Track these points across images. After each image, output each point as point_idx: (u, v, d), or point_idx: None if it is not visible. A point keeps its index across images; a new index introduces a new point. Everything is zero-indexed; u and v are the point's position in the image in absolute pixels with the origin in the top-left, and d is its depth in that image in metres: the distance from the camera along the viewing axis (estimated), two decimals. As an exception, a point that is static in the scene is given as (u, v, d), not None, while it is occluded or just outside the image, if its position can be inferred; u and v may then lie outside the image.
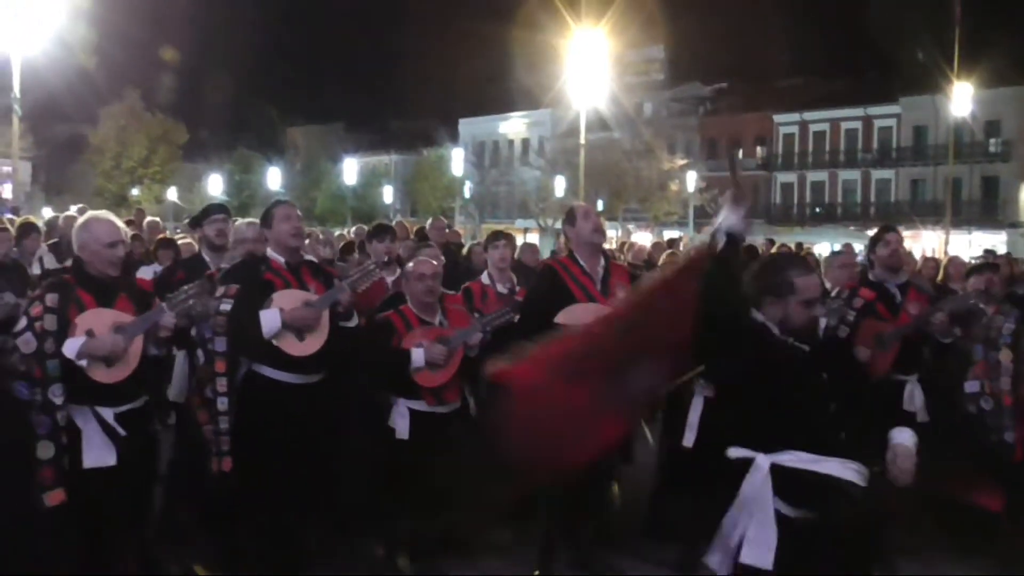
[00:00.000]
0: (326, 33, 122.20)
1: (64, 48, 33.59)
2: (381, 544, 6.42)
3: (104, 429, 5.18)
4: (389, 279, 7.27)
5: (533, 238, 55.54)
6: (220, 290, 5.78)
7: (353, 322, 5.97)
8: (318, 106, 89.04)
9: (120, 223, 5.48)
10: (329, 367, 5.96)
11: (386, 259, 7.44)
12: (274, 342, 5.70)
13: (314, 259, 6.40)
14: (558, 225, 50.71)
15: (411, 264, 6.46)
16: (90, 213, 5.66)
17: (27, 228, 10.63)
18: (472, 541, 6.79)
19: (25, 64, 27.63)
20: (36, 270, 9.96)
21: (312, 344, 5.77)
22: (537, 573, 6.42)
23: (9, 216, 24.52)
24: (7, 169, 45.16)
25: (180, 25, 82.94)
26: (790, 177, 58.55)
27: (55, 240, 11.09)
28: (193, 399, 5.95)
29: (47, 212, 62.41)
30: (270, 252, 6.07)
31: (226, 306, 5.73)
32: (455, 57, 76.00)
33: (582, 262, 6.49)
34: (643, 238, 53.47)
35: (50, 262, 10.25)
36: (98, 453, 5.17)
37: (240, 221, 7.06)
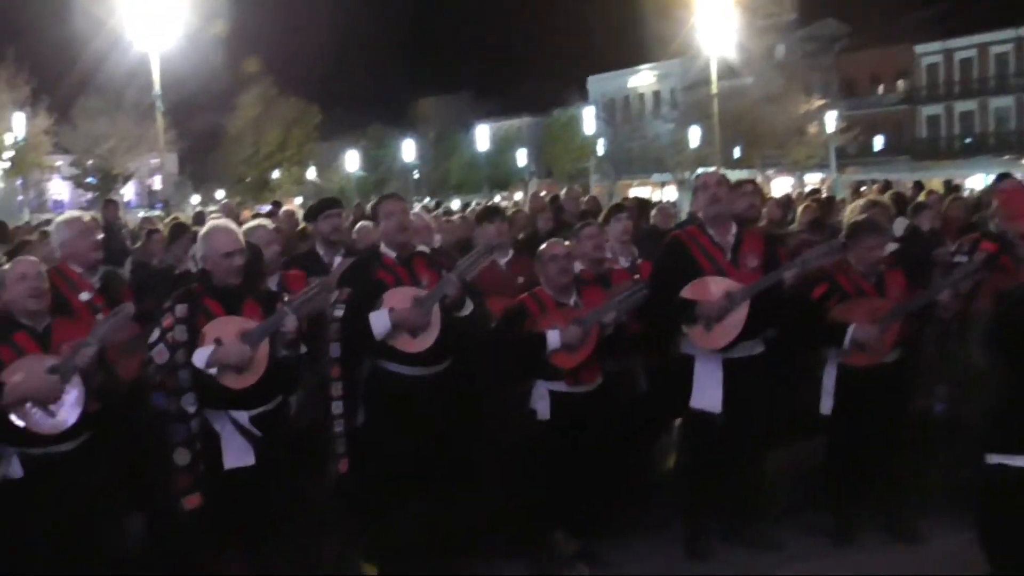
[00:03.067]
0: (449, 1, 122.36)
1: (197, 41, 34.50)
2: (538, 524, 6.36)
3: (241, 431, 5.30)
4: (502, 260, 7.19)
5: (670, 192, 55.02)
6: (335, 294, 5.81)
7: (467, 310, 5.88)
8: (446, 75, 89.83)
9: (236, 229, 5.58)
10: (453, 356, 5.94)
11: (496, 242, 7.33)
12: (388, 342, 5.71)
13: (427, 249, 6.32)
14: (694, 177, 50.11)
15: (544, 246, 6.36)
16: (211, 223, 5.78)
17: (177, 230, 10.92)
18: (620, 518, 6.71)
19: (163, 61, 28.50)
20: (193, 269, 10.21)
21: (426, 340, 5.76)
22: (688, 545, 6.38)
23: (159, 210, 25.43)
24: (155, 162, 46.89)
25: (306, 8, 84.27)
26: (936, 109, 56.20)
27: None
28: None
29: (195, 199, 64.74)
30: (382, 247, 6.07)
31: (339, 311, 5.78)
32: (580, 14, 75.33)
33: (711, 232, 6.29)
34: (783, 183, 52.44)
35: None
36: (237, 454, 5.31)
37: (363, 224, 7.05)
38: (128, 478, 5.43)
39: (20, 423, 4.73)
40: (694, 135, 50.34)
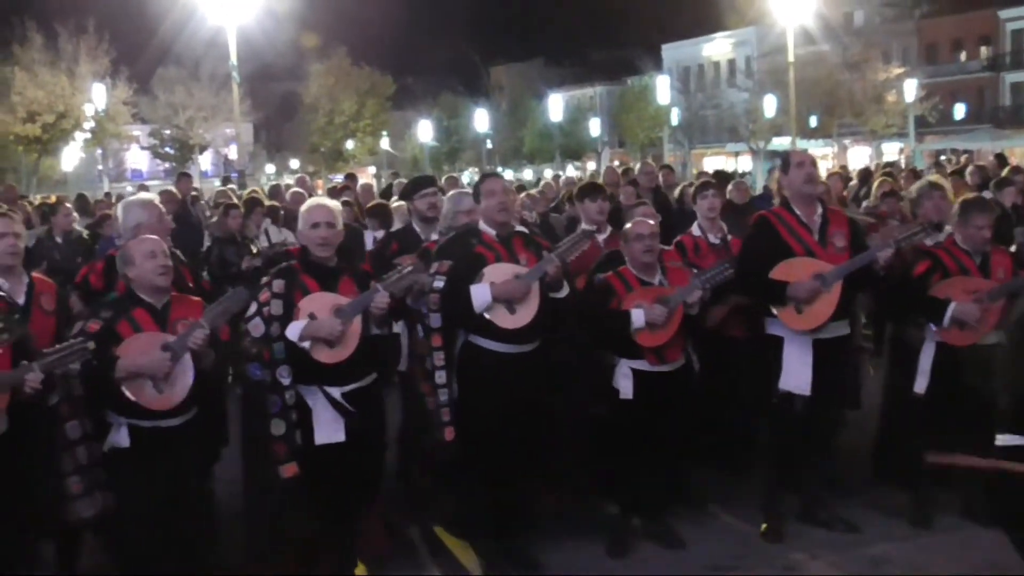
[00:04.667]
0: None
1: (273, 13, 34.80)
2: (614, 503, 6.43)
3: (333, 406, 5.38)
4: (600, 237, 7.15)
5: (745, 161, 54.43)
6: (434, 266, 5.86)
7: (563, 292, 5.92)
8: (519, 43, 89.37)
9: (331, 205, 5.65)
10: (544, 335, 5.95)
11: (598, 219, 7.29)
12: (486, 315, 5.74)
13: (525, 229, 6.33)
14: (770, 147, 49.45)
15: (629, 224, 6.33)
16: (312, 199, 5.88)
17: (252, 203, 11.10)
18: (698, 495, 6.75)
19: (239, 32, 28.81)
20: (263, 242, 10.38)
21: (523, 316, 5.78)
22: (764, 526, 6.33)
23: (234, 181, 25.74)
24: (231, 132, 47.51)
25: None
26: (1020, 76, 54.65)
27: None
28: (416, 370, 6.08)
29: (270, 168, 65.41)
30: (481, 224, 6.08)
31: (439, 283, 5.83)
32: (653, -19, 74.46)
33: (798, 212, 6.21)
34: (860, 153, 51.56)
35: (274, 234, 10.63)
36: (328, 430, 5.39)
37: (454, 192, 7.06)
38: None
39: (131, 396, 4.85)
40: (769, 104, 49.60)
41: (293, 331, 5.27)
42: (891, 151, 50.52)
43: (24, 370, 4.59)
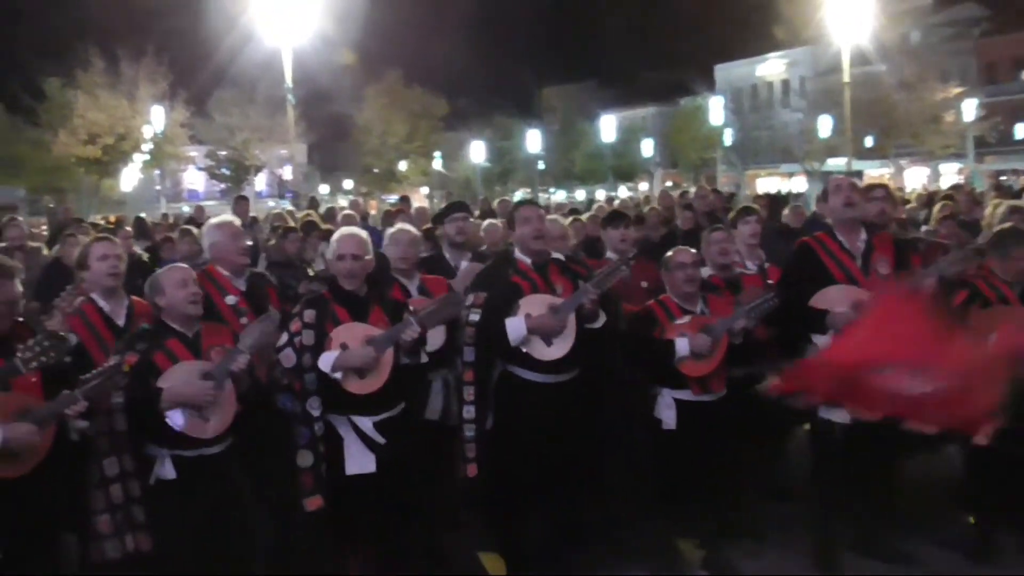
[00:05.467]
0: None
1: (327, 35, 35.12)
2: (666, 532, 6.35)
3: (361, 439, 5.37)
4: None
5: (799, 182, 53.94)
6: (469, 298, 5.83)
7: (599, 323, 5.90)
8: (571, 64, 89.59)
9: (359, 236, 5.63)
10: (582, 365, 5.93)
11: (621, 247, 7.28)
12: (523, 348, 5.72)
13: (561, 256, 6.29)
14: (824, 168, 48.97)
15: (670, 252, 6.28)
16: (343, 229, 5.88)
17: (309, 226, 11.14)
18: (750, 528, 6.63)
19: (294, 54, 29.17)
20: (320, 265, 10.40)
21: (560, 348, 5.77)
22: (817, 557, 6.22)
23: (289, 201, 25.96)
24: (285, 153, 48.03)
25: (428, 1, 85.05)
26: (1083, 95, 53.82)
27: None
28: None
29: (323, 189, 65.84)
30: (516, 253, 6.07)
31: (474, 316, 5.83)
32: (705, 1, 74.30)
33: (841, 238, 6.11)
34: (917, 174, 50.93)
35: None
36: (359, 461, 5.38)
37: (491, 222, 7.06)
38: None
39: (176, 427, 4.84)
40: (824, 124, 49.16)
41: (325, 361, 5.27)
42: (949, 172, 49.84)
43: (67, 399, 4.50)
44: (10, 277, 4.70)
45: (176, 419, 4.84)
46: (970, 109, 46.25)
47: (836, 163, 46.34)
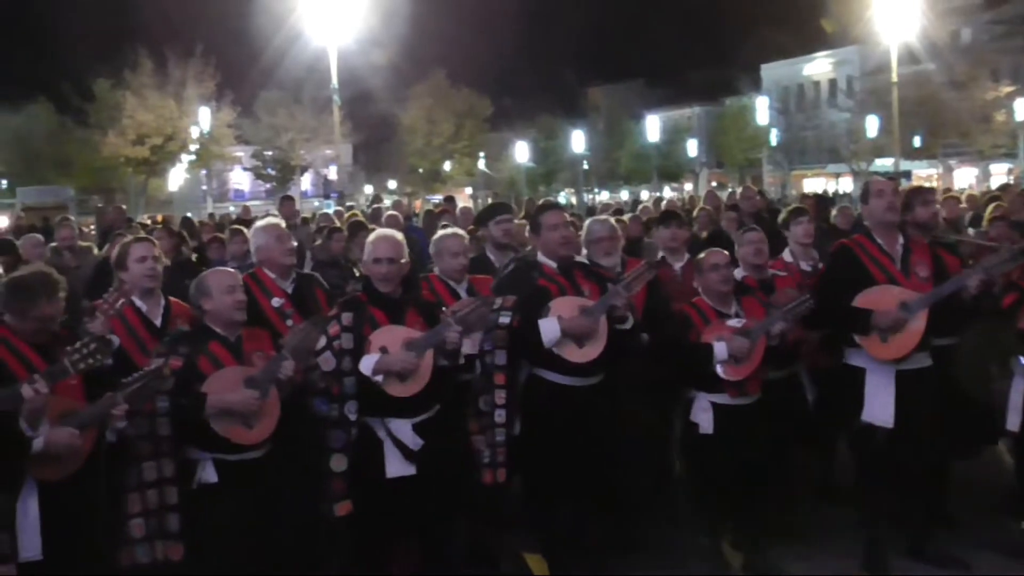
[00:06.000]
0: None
1: (373, 36, 35.34)
2: (706, 534, 6.35)
3: (396, 444, 5.34)
4: (677, 265, 7.07)
5: (846, 183, 53.48)
6: (497, 301, 5.82)
7: (628, 324, 5.85)
8: (616, 64, 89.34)
9: (396, 238, 5.61)
10: (610, 368, 5.90)
11: (671, 245, 7.27)
12: (554, 350, 5.70)
13: (584, 260, 6.27)
14: (871, 168, 48.49)
15: (702, 254, 6.24)
16: (378, 232, 5.87)
17: (356, 227, 11.15)
18: (793, 530, 6.57)
19: (340, 55, 29.36)
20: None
21: (592, 350, 5.74)
22: (866, 561, 6.13)
23: (334, 202, 26.11)
24: (330, 153, 48.32)
25: (474, 1, 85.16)
26: None
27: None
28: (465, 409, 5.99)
29: (368, 189, 66.23)
30: (541, 257, 6.06)
31: (505, 318, 5.78)
32: (752, 1, 73.80)
33: (879, 240, 6.05)
34: (966, 174, 50.28)
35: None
36: (399, 463, 5.35)
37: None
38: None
39: (221, 433, 4.85)
40: (871, 124, 48.70)
41: (366, 365, 5.25)
42: (999, 172, 49.14)
43: (110, 401, 4.49)
44: (56, 292, 4.68)
45: (223, 425, 4.85)
46: (1022, 108, 45.52)
47: (883, 163, 45.90)
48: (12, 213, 31.39)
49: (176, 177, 53.65)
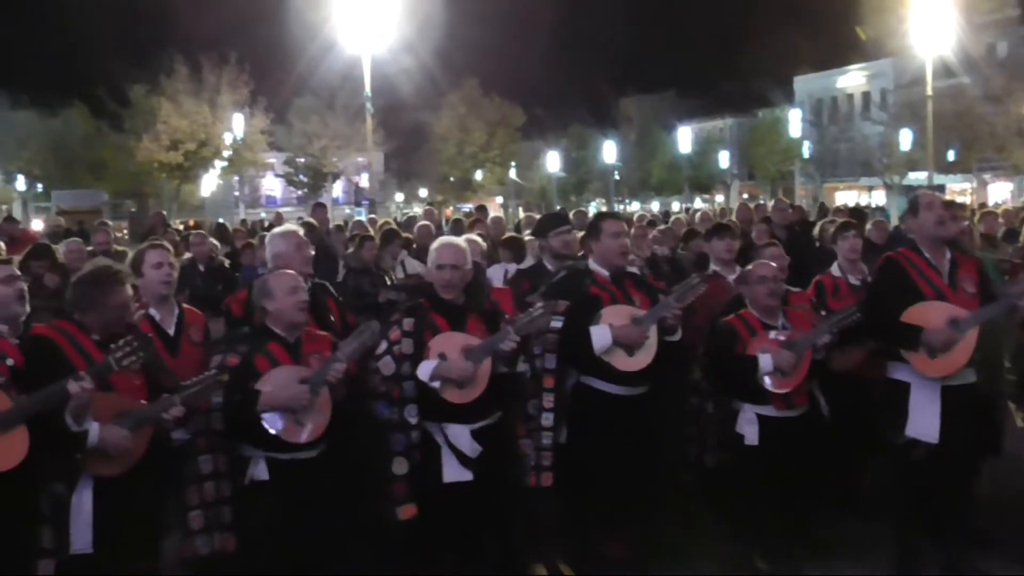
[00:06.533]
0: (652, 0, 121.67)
1: (406, 44, 35.47)
2: (742, 543, 6.34)
3: (453, 451, 5.41)
4: (730, 277, 7.05)
5: (879, 196, 53.13)
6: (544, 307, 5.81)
7: (677, 336, 5.92)
8: (648, 74, 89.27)
9: (460, 246, 5.66)
10: (656, 379, 5.95)
11: (726, 257, 7.27)
12: (604, 358, 5.72)
13: (636, 270, 6.30)
14: (905, 181, 48.17)
15: (750, 266, 6.24)
16: (442, 239, 5.89)
17: (389, 235, 11.23)
18: (828, 541, 6.52)
19: (373, 63, 29.48)
20: (400, 274, 10.48)
21: (641, 359, 5.79)
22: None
23: (365, 210, 26.20)
24: (362, 160, 48.49)
25: (507, 11, 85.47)
26: None
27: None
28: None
29: (399, 197, 66.38)
30: (593, 264, 6.07)
31: (557, 323, 5.81)
32: (786, 12, 73.55)
33: (927, 255, 6.00)
34: (1001, 189, 49.83)
35: (411, 265, 10.72)
36: (457, 468, 5.41)
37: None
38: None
39: (272, 430, 4.94)
40: (905, 137, 48.36)
41: (424, 371, 5.33)
42: (1035, 187, 48.74)
43: (166, 402, 4.67)
44: (122, 283, 4.86)
45: (275, 423, 4.94)
46: (1060, 122, 45.08)
47: (917, 176, 45.57)
48: (48, 217, 31.74)
49: (209, 183, 53.94)
